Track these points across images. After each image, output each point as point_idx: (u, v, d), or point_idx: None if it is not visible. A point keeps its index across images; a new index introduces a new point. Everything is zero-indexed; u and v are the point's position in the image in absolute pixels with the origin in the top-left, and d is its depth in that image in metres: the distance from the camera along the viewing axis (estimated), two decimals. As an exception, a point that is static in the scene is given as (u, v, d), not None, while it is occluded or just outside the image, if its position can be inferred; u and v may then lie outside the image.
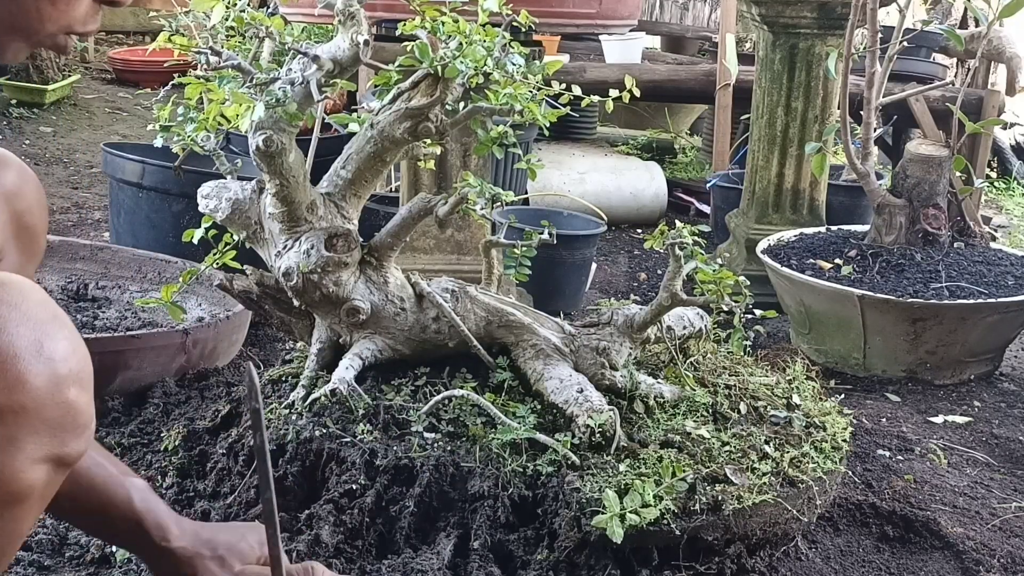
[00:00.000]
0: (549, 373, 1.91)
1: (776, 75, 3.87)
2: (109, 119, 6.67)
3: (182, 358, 2.44)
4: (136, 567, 1.71)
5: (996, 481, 2.44)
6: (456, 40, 1.80)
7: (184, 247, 2.19)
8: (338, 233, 1.88)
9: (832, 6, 3.69)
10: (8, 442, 1.08)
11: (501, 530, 1.75)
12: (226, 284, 1.99)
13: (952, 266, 3.20)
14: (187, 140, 1.92)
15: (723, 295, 1.93)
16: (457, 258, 2.97)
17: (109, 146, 3.47)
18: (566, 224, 3.67)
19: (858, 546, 2.09)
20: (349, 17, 1.75)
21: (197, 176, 2.54)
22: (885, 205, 3.31)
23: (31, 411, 1.08)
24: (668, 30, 8.58)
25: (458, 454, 1.79)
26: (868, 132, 3.29)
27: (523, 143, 3.02)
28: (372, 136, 1.87)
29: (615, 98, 1.95)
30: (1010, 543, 2.10)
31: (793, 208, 3.97)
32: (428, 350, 1.98)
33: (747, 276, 2.06)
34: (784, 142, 3.90)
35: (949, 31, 3.36)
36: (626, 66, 5.36)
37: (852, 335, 3.09)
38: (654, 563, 1.72)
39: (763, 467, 1.81)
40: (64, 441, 1.14)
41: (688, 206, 5.39)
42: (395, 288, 1.96)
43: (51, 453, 1.13)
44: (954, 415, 2.87)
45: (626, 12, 4.02)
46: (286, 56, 1.83)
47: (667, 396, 1.97)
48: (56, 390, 1.10)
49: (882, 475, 2.37)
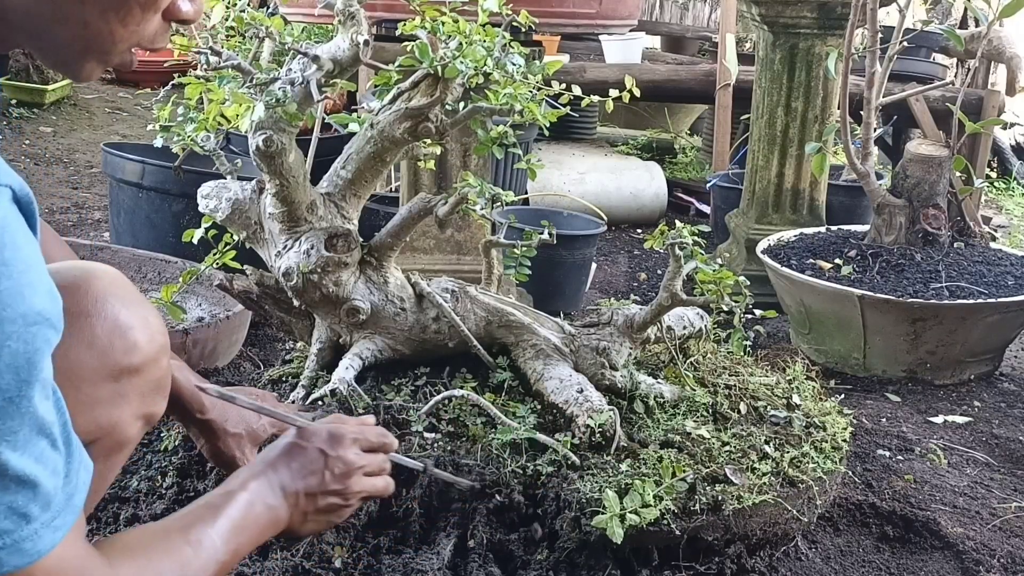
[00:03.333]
0: (549, 373, 1.91)
1: (776, 75, 3.87)
2: (109, 119, 6.67)
3: (182, 358, 2.44)
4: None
5: (996, 481, 2.44)
6: (456, 40, 1.80)
7: (184, 247, 2.19)
8: (338, 233, 1.88)
9: (832, 6, 3.69)
10: (121, 398, 1.27)
11: (501, 530, 1.74)
12: (226, 284, 1.99)
13: (952, 266, 3.20)
14: (187, 140, 1.92)
15: (723, 295, 1.93)
16: (457, 258, 2.97)
17: (109, 146, 3.47)
18: (566, 224, 3.67)
19: (858, 546, 2.09)
20: (349, 17, 1.75)
21: (197, 176, 2.54)
22: (885, 205, 3.31)
23: (140, 373, 1.28)
24: (668, 30, 8.58)
25: (458, 454, 1.79)
26: (868, 132, 3.29)
27: (523, 143, 3.02)
28: (372, 136, 1.87)
29: (615, 98, 1.96)
30: (1010, 543, 2.10)
31: (793, 208, 3.97)
32: (428, 350, 1.98)
33: (747, 276, 2.06)
34: (784, 142, 3.90)
35: (949, 31, 3.36)
36: (626, 66, 5.35)
37: (852, 335, 3.09)
38: (654, 563, 1.72)
39: (763, 467, 1.81)
40: (156, 401, 1.35)
41: (688, 206, 5.39)
42: (395, 288, 1.95)
43: (147, 411, 1.33)
44: (954, 415, 2.87)
45: (626, 12, 4.02)
46: (286, 56, 1.83)
47: (667, 396, 1.97)
48: (158, 357, 1.31)
49: (882, 475, 2.36)
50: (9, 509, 0.88)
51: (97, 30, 0.98)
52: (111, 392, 1.26)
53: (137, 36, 1.01)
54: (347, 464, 1.36)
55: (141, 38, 1.01)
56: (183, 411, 1.57)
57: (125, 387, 1.27)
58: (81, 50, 0.99)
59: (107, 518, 1.81)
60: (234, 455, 1.62)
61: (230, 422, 1.62)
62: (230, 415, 1.62)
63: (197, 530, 1.16)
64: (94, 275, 1.26)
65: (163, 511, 1.81)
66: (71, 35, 0.98)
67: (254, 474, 1.29)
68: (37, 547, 0.91)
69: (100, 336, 1.23)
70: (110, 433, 1.28)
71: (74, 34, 0.98)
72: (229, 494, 1.24)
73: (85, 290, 1.23)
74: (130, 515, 1.81)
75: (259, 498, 1.26)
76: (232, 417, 1.62)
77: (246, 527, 1.22)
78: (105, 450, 1.30)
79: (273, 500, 1.27)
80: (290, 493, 1.30)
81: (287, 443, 1.34)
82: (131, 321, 1.26)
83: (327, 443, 1.35)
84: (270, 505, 1.27)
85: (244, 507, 1.23)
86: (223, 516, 1.19)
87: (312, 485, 1.32)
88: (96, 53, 1.00)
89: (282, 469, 1.31)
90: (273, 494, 1.28)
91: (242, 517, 1.22)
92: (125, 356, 1.25)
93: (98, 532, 1.77)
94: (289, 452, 1.33)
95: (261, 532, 1.26)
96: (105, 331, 1.24)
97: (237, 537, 1.19)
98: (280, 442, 1.36)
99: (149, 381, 1.31)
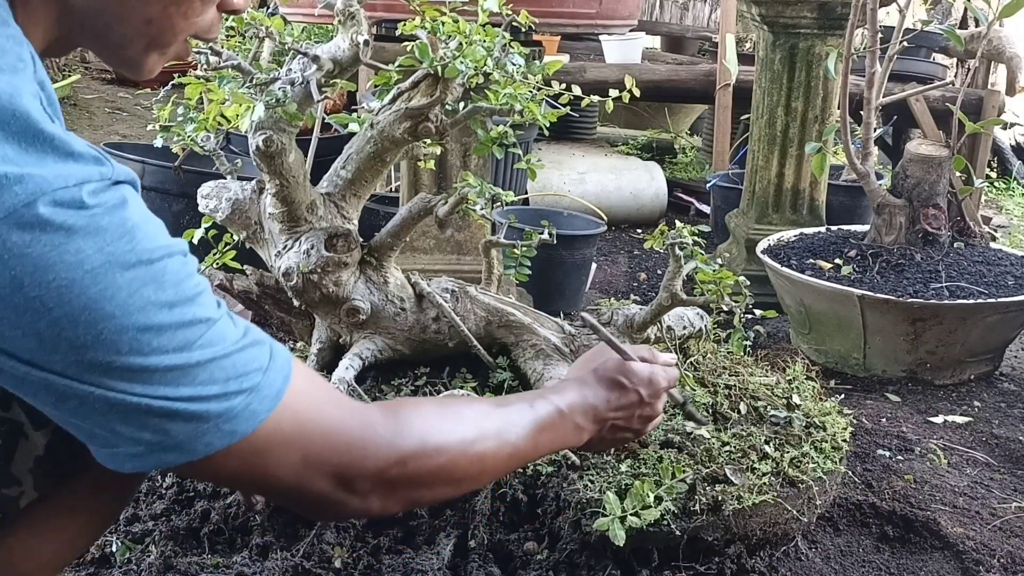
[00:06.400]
0: (549, 373, 1.91)
1: (776, 75, 3.87)
2: (109, 119, 6.67)
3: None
4: (136, 567, 1.71)
5: (996, 481, 2.43)
6: (456, 40, 1.80)
7: (184, 247, 2.19)
8: (338, 233, 1.88)
9: (832, 6, 3.69)
10: None
11: (501, 530, 1.74)
12: (226, 284, 1.99)
13: (952, 266, 3.20)
14: (187, 140, 1.92)
15: (723, 295, 1.93)
16: (457, 258, 2.97)
17: (109, 146, 3.48)
18: (566, 224, 3.67)
19: (858, 546, 2.09)
20: (349, 17, 1.75)
21: (197, 176, 2.54)
22: (885, 205, 3.31)
23: None
24: (668, 30, 8.58)
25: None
26: (868, 132, 3.29)
27: (523, 143, 3.02)
28: (372, 136, 1.87)
29: (615, 98, 1.95)
30: (1010, 543, 2.10)
31: (793, 208, 3.97)
32: (428, 350, 1.98)
33: (747, 276, 2.06)
34: (784, 142, 3.90)
35: (949, 31, 3.36)
36: (626, 66, 5.36)
37: (852, 335, 3.09)
38: (654, 563, 1.72)
39: (763, 467, 1.80)
40: None
41: (688, 206, 5.39)
42: (395, 288, 1.95)
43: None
44: (954, 415, 2.87)
45: (626, 12, 4.02)
46: (286, 56, 1.83)
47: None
48: None
49: (882, 475, 2.36)
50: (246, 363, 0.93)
51: (160, 26, 1.00)
52: None
53: (195, 27, 1.04)
54: (654, 412, 1.44)
55: (199, 28, 1.04)
56: None
57: None
58: (145, 46, 1.02)
59: (107, 518, 1.81)
60: None
61: None
62: None
63: (507, 409, 1.20)
64: None
65: (163, 511, 1.81)
66: (134, 32, 1.00)
67: (574, 389, 1.34)
68: (280, 376, 0.95)
69: None
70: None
71: (137, 31, 1.00)
72: (548, 399, 1.28)
73: None
74: (130, 515, 1.81)
75: (571, 413, 1.30)
76: None
77: (552, 431, 1.26)
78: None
79: (582, 420, 1.32)
80: (599, 419, 1.35)
81: (612, 377, 1.39)
82: None
83: (646, 387, 1.41)
84: (578, 424, 1.31)
85: (556, 415, 1.27)
86: (533, 411, 1.23)
87: (620, 419, 1.38)
88: (158, 47, 1.03)
89: (601, 396, 1.36)
90: (584, 415, 1.32)
91: (551, 423, 1.26)
92: None
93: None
94: (612, 384, 1.38)
95: (563, 441, 1.30)
96: None
97: (539, 435, 1.22)
98: (607, 368, 1.40)
99: None
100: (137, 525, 1.79)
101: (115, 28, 0.99)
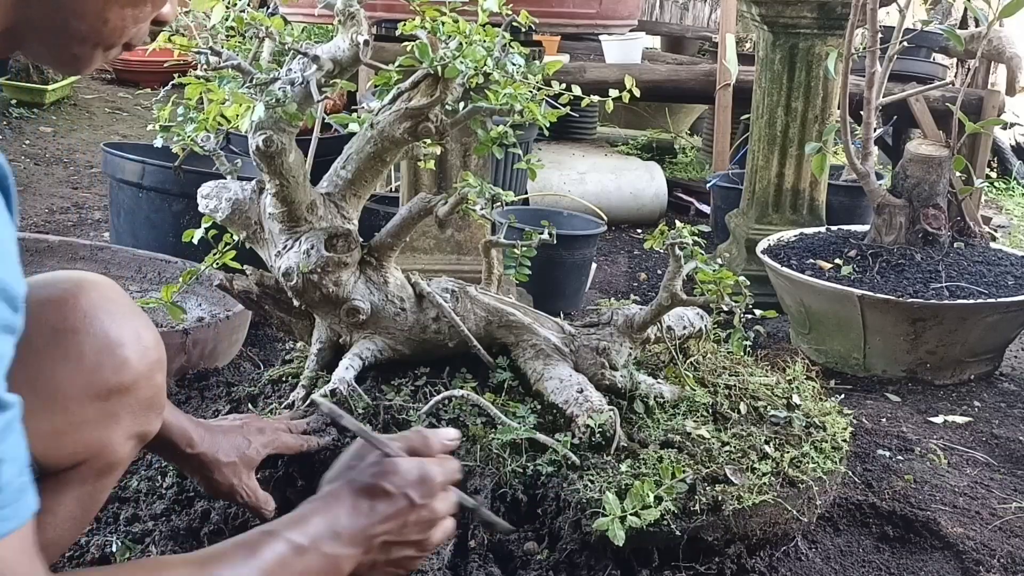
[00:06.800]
0: (549, 373, 1.91)
1: (776, 75, 3.87)
2: (109, 119, 6.67)
3: (182, 358, 2.44)
4: (136, 567, 1.71)
5: (996, 481, 2.44)
6: (456, 40, 1.80)
7: (184, 247, 2.19)
8: (338, 233, 1.88)
9: (832, 6, 3.69)
10: (111, 418, 1.24)
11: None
12: (226, 284, 1.99)
13: (952, 266, 3.20)
14: (187, 140, 1.91)
15: (723, 295, 1.93)
16: (457, 258, 2.97)
17: (109, 146, 3.47)
18: (566, 224, 3.67)
19: (858, 546, 2.09)
20: (349, 17, 1.75)
21: (197, 176, 2.54)
22: (885, 205, 3.31)
23: (131, 391, 1.25)
24: (668, 30, 8.58)
25: (458, 454, 1.79)
26: (868, 132, 3.29)
27: (523, 143, 3.02)
28: (372, 136, 1.87)
29: (615, 98, 1.95)
30: (1010, 543, 2.10)
31: (793, 208, 3.97)
32: (428, 350, 1.98)
33: (747, 276, 2.06)
34: (784, 142, 3.90)
35: (949, 31, 3.36)
36: (626, 66, 5.36)
37: (852, 335, 3.09)
38: (654, 563, 1.72)
39: (763, 467, 1.80)
40: (150, 419, 1.32)
41: (688, 206, 5.39)
42: (395, 288, 1.95)
43: (140, 430, 1.30)
44: (954, 415, 2.87)
45: (626, 12, 4.01)
46: (286, 56, 1.83)
47: (667, 396, 1.97)
48: (150, 373, 1.27)
49: (882, 475, 2.36)
50: None
51: (113, 26, 1.01)
52: (100, 412, 1.22)
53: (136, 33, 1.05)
54: (433, 515, 1.20)
55: (135, 35, 1.05)
56: (171, 449, 1.49)
57: (115, 406, 1.23)
58: (94, 44, 1.02)
59: (107, 518, 1.81)
60: (231, 484, 1.57)
61: (221, 451, 1.55)
62: (220, 445, 1.55)
63: (218, 565, 1.01)
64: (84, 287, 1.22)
65: (163, 511, 1.81)
66: (89, 29, 1.01)
67: (319, 513, 1.12)
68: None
69: (88, 354, 1.20)
70: (99, 454, 1.24)
71: (92, 28, 1.01)
72: (279, 536, 1.06)
73: (73, 304, 1.20)
74: (130, 515, 1.81)
75: (316, 545, 1.08)
76: (223, 446, 1.56)
77: (290, 574, 1.05)
78: (95, 472, 1.26)
79: (336, 548, 1.10)
80: (362, 540, 1.12)
81: (369, 484, 1.16)
82: (121, 337, 1.22)
83: (416, 488, 1.18)
84: (329, 555, 1.09)
85: (290, 554, 1.05)
86: (256, 558, 1.03)
87: (390, 534, 1.15)
88: (105, 46, 1.03)
89: (360, 511, 1.13)
90: (337, 542, 1.10)
91: (285, 564, 1.04)
92: (115, 375, 1.22)
93: (97, 532, 1.77)
94: (370, 493, 1.15)
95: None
96: (93, 348, 1.20)
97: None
98: (364, 473, 1.18)
99: (141, 399, 1.27)
100: (137, 525, 1.79)
101: (71, 23, 0.99)
